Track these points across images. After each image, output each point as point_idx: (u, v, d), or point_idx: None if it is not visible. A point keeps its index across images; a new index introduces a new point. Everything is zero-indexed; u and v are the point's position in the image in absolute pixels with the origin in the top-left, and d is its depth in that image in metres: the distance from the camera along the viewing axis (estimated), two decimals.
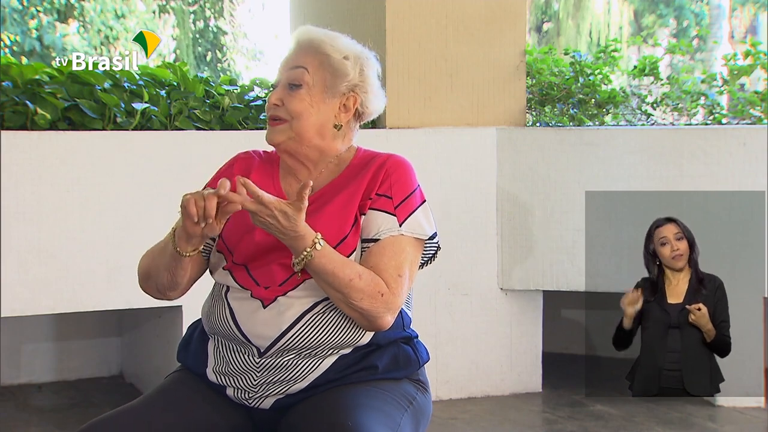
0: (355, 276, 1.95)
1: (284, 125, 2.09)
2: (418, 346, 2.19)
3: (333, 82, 2.10)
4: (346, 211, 2.05)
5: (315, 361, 2.03)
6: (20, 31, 14.79)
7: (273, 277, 2.03)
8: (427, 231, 2.09)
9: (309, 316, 2.02)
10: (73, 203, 3.86)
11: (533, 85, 4.97)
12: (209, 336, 2.13)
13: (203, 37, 17.04)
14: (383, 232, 2.04)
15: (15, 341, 4.67)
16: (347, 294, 1.95)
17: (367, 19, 4.57)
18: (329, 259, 1.94)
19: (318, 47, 2.12)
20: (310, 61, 2.11)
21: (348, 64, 2.12)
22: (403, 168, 2.12)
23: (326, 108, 2.11)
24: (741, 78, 5.06)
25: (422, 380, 2.19)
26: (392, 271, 2.01)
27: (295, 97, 2.09)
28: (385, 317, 1.99)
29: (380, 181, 2.08)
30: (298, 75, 2.10)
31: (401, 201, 2.07)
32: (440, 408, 4.34)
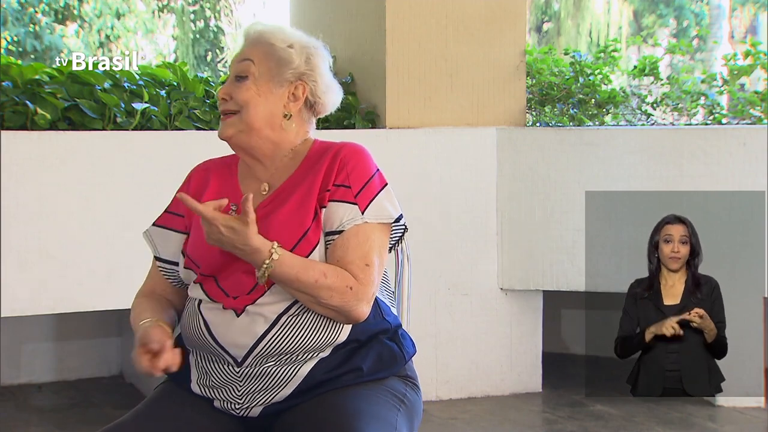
0: (320, 276, 1.93)
1: (234, 118, 2.08)
2: (403, 340, 2.15)
3: (278, 71, 2.08)
4: (304, 206, 2.02)
5: (295, 367, 2.00)
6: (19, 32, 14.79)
7: (241, 286, 2.01)
8: (392, 214, 2.06)
9: (282, 320, 1.99)
10: (73, 203, 3.86)
11: (533, 85, 4.97)
12: (188, 350, 2.11)
13: (203, 37, 17.04)
14: (346, 223, 2.01)
15: (15, 341, 4.67)
16: (316, 295, 1.93)
17: (367, 19, 4.57)
18: (290, 265, 1.92)
19: (262, 38, 2.11)
20: (256, 53, 2.10)
21: (293, 52, 2.10)
22: (359, 155, 2.08)
23: (274, 97, 2.08)
24: (741, 78, 5.06)
25: (410, 375, 2.16)
26: (359, 261, 1.98)
27: (241, 87, 2.07)
28: (358, 308, 1.97)
29: (336, 171, 2.04)
30: (244, 67, 2.09)
31: (360, 188, 2.03)
32: (440, 408, 4.34)
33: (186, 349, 2.13)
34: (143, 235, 2.22)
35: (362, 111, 4.53)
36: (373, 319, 2.08)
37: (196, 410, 2.06)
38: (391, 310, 2.17)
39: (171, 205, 2.21)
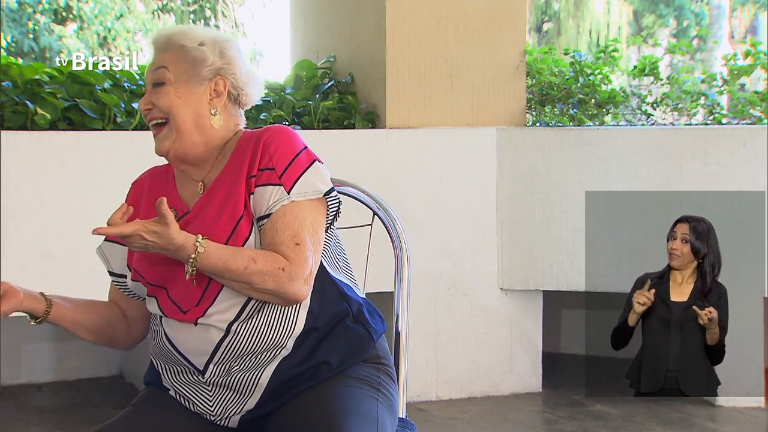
0: (249, 262, 1.90)
1: (165, 130, 2.05)
2: (369, 318, 2.08)
3: (194, 71, 2.05)
4: (233, 196, 2.00)
5: (259, 370, 1.98)
6: (19, 32, 14.79)
7: (190, 298, 1.99)
8: (321, 188, 2.01)
9: (234, 328, 1.97)
10: (73, 203, 3.86)
11: (533, 85, 4.97)
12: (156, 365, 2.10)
13: None
14: (273, 205, 1.98)
15: (15, 341, 4.67)
16: (248, 281, 1.90)
17: (367, 19, 4.57)
18: (217, 256, 1.90)
19: (172, 42, 2.08)
20: (168, 58, 2.06)
21: (205, 50, 2.07)
22: (282, 135, 2.04)
23: (195, 98, 2.05)
24: (741, 78, 5.06)
25: (381, 355, 2.11)
26: (288, 242, 1.94)
27: (160, 93, 2.04)
28: (294, 288, 1.92)
29: (260, 156, 2.01)
30: (159, 75, 2.05)
31: (285, 168, 2.00)
32: (440, 408, 4.34)
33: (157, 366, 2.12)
34: (96, 251, 2.24)
35: (362, 111, 4.53)
36: (330, 301, 2.04)
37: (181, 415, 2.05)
38: (353, 289, 2.12)
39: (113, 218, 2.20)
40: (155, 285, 2.04)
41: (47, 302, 2.09)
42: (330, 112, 4.45)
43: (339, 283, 2.08)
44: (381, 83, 4.48)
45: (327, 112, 4.44)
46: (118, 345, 2.19)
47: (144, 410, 2.07)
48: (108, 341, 2.16)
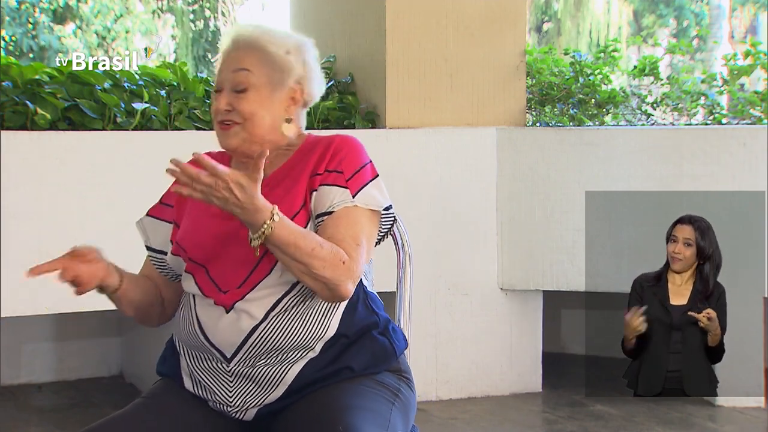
0: (316, 245, 1.91)
1: (237, 127, 2.06)
2: (394, 334, 2.14)
3: (279, 79, 2.07)
4: (292, 192, 2.03)
5: (285, 368, 2.01)
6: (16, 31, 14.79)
7: (232, 279, 2.01)
8: (382, 203, 2.05)
9: (270, 317, 1.99)
10: (73, 203, 3.86)
11: (533, 85, 4.97)
12: (179, 350, 2.11)
13: (203, 37, 17.04)
14: (337, 204, 2.00)
15: (15, 341, 4.67)
16: (309, 264, 1.90)
17: (367, 19, 4.57)
18: (289, 230, 1.89)
19: (257, 45, 2.08)
20: (252, 61, 2.06)
21: (291, 59, 2.08)
22: (352, 144, 2.08)
23: (275, 105, 2.07)
24: (741, 78, 5.06)
25: (403, 369, 2.16)
26: (350, 240, 1.97)
27: (244, 99, 2.05)
28: (346, 285, 1.94)
29: (329, 158, 2.04)
30: (243, 78, 2.05)
31: (352, 174, 2.03)
32: (440, 408, 4.34)
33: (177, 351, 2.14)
34: (136, 224, 2.25)
35: (362, 111, 4.53)
36: (363, 312, 2.08)
37: (193, 408, 2.07)
38: (381, 305, 2.17)
39: (164, 196, 2.23)
40: (196, 262, 2.06)
41: (120, 278, 2.10)
42: (330, 112, 4.45)
43: (371, 296, 2.14)
44: (381, 83, 4.48)
45: (327, 111, 4.44)
46: (150, 322, 2.20)
47: (156, 402, 2.08)
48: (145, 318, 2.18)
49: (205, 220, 2.07)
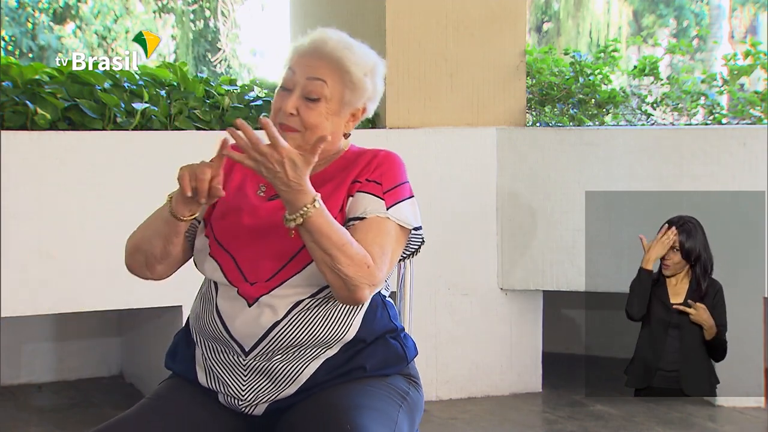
0: (347, 242, 1.93)
1: (296, 134, 2.06)
2: (405, 341, 2.19)
3: (351, 98, 2.10)
4: (333, 196, 2.05)
5: (302, 364, 2.03)
6: (15, 31, 14.78)
7: (260, 272, 2.02)
8: (412, 222, 2.09)
9: (293, 314, 2.01)
10: (73, 203, 3.86)
11: (533, 85, 4.97)
12: (195, 341, 2.12)
13: (203, 37, 17.04)
14: (370, 212, 2.03)
15: (15, 341, 4.67)
16: (336, 257, 1.91)
17: (367, 19, 4.57)
18: (326, 220, 1.91)
19: (339, 62, 2.08)
20: (330, 75, 2.07)
21: (367, 82, 2.12)
22: (395, 160, 2.13)
23: (339, 120, 2.11)
24: (741, 78, 5.06)
25: (413, 374, 2.19)
26: (377, 248, 1.99)
27: (312, 110, 2.06)
28: (364, 289, 1.96)
29: (372, 169, 2.08)
30: (317, 88, 2.06)
31: (390, 188, 2.07)
32: (440, 408, 4.34)
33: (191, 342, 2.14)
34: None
35: None
36: (382, 319, 2.12)
37: (201, 406, 2.08)
38: (395, 310, 2.21)
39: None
40: (223, 248, 2.06)
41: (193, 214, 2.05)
42: None
43: (389, 304, 2.17)
44: None
45: None
46: (151, 268, 2.16)
47: (162, 402, 2.08)
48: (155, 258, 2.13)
49: (243, 209, 2.08)
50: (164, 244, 2.09)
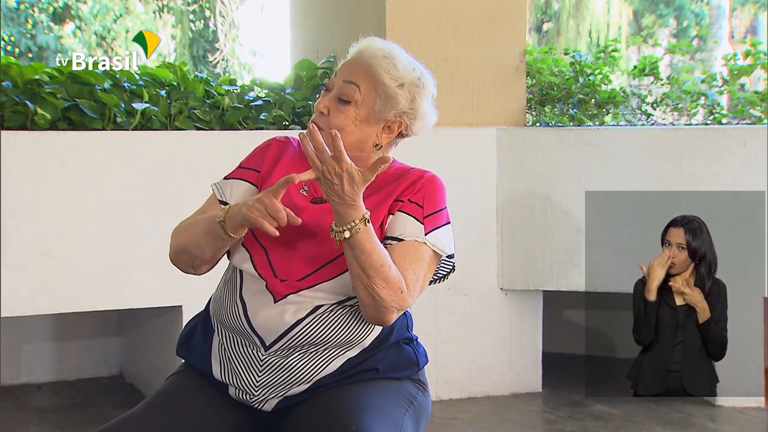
0: (387, 264, 1.95)
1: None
2: (418, 348, 2.21)
3: (382, 108, 2.11)
4: (375, 212, 2.07)
5: (321, 362, 2.05)
6: (16, 32, 14.78)
7: (292, 271, 2.03)
8: (446, 249, 2.12)
9: (317, 313, 2.02)
10: (73, 203, 3.86)
11: (533, 85, 4.97)
12: (215, 329, 2.13)
13: (202, 38, 17.04)
14: (409, 235, 2.05)
15: (15, 341, 4.67)
16: (372, 277, 1.94)
17: (367, 19, 4.57)
18: (371, 238, 1.93)
19: (375, 70, 2.12)
20: (364, 81, 2.11)
21: (400, 93, 2.12)
22: (438, 185, 2.15)
23: (369, 129, 2.12)
24: (741, 78, 5.06)
25: (422, 380, 2.21)
26: (412, 273, 2.02)
27: (341, 111, 2.09)
28: (393, 312, 1.99)
29: (416, 190, 2.10)
30: (350, 91, 2.10)
31: (431, 213, 2.10)
32: (440, 408, 4.34)
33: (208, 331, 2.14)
34: (211, 186, 2.20)
35: None
36: (400, 327, 2.15)
37: (207, 403, 2.09)
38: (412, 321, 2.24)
39: (246, 161, 2.21)
40: (257, 240, 2.07)
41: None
42: None
43: (409, 316, 2.21)
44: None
45: None
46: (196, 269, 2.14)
47: (168, 400, 2.08)
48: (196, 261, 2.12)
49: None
50: (214, 253, 2.10)
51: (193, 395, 2.09)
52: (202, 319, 2.20)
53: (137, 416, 2.03)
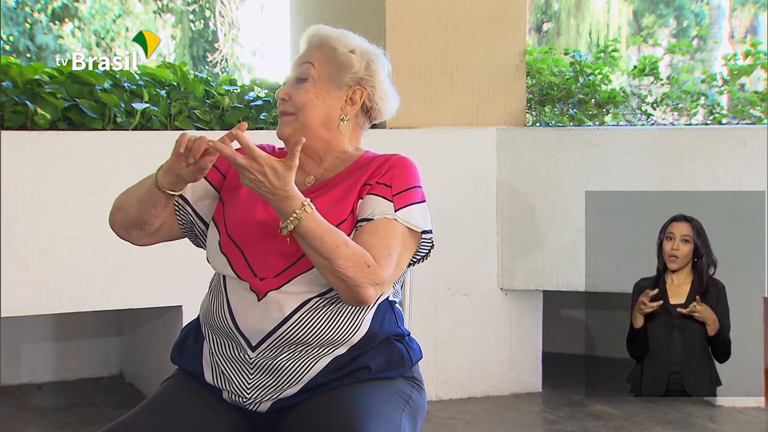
0: (341, 243, 1.94)
1: (291, 117, 2.13)
2: (411, 344, 2.20)
3: (338, 75, 2.14)
4: (345, 200, 2.07)
5: (309, 362, 2.03)
6: (13, 31, 14.78)
7: (270, 267, 2.03)
8: (421, 225, 2.08)
9: (303, 310, 2.02)
10: (73, 203, 3.86)
11: (533, 85, 4.97)
12: (204, 335, 2.13)
13: (202, 38, 17.04)
14: (377, 214, 2.04)
15: (15, 341, 4.67)
16: (332, 260, 1.92)
17: (367, 19, 4.57)
18: (317, 223, 1.93)
19: (325, 42, 2.17)
20: (317, 56, 2.15)
21: (354, 57, 2.16)
22: (407, 165, 2.15)
23: (332, 100, 2.14)
24: (741, 78, 5.06)
25: (417, 378, 2.20)
26: (382, 249, 2.00)
27: (300, 89, 2.13)
28: (367, 289, 1.96)
29: (383, 172, 2.10)
30: (305, 70, 2.14)
31: (400, 191, 2.08)
32: (440, 408, 4.34)
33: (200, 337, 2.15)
34: None
35: None
36: (390, 322, 2.13)
37: (203, 405, 2.08)
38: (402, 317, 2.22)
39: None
40: (234, 242, 2.07)
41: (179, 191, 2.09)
42: None
43: (399, 312, 2.19)
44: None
45: None
46: (126, 230, 2.18)
47: (164, 404, 2.08)
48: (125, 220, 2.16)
49: (254, 204, 2.10)
50: (140, 211, 2.12)
51: (189, 398, 2.09)
52: (195, 325, 2.20)
53: (133, 420, 2.02)
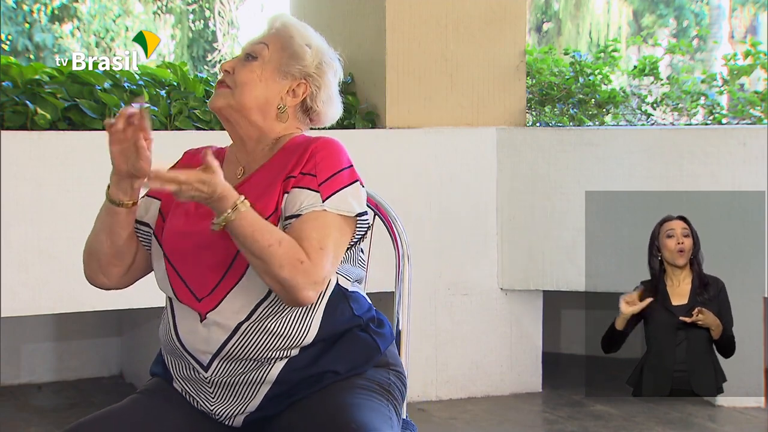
0: (275, 242, 1.88)
1: (227, 90, 2.07)
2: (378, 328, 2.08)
3: (287, 63, 2.08)
4: (269, 193, 1.99)
5: (264, 370, 1.96)
6: (14, 31, 14.78)
7: (206, 282, 1.97)
8: (355, 208, 1.99)
9: (242, 329, 1.95)
10: (73, 203, 3.85)
11: (533, 85, 4.97)
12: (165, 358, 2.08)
13: (202, 38, 17.04)
14: (305, 208, 1.96)
15: (15, 341, 4.67)
16: (267, 260, 1.87)
17: (367, 19, 4.57)
18: (250, 222, 1.87)
19: (285, 29, 2.12)
20: (273, 40, 2.10)
21: (308, 51, 2.10)
22: (331, 147, 2.03)
23: (274, 86, 2.07)
24: (741, 78, 5.06)
25: (391, 362, 2.09)
26: (313, 242, 1.92)
27: (246, 67, 2.07)
28: (306, 290, 1.90)
29: (305, 161, 2.01)
30: (258, 49, 2.09)
31: (326, 179, 1.99)
32: (440, 408, 4.34)
33: None
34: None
35: (362, 111, 4.53)
36: (344, 315, 2.03)
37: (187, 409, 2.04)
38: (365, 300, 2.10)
39: None
40: (171, 263, 2.02)
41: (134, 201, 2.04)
42: None
43: (354, 296, 2.06)
44: (381, 83, 4.48)
45: None
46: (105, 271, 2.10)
47: (150, 399, 2.05)
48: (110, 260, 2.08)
49: (182, 218, 2.04)
50: (110, 238, 2.05)
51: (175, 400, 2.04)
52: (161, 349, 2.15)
53: (120, 412, 1.99)
